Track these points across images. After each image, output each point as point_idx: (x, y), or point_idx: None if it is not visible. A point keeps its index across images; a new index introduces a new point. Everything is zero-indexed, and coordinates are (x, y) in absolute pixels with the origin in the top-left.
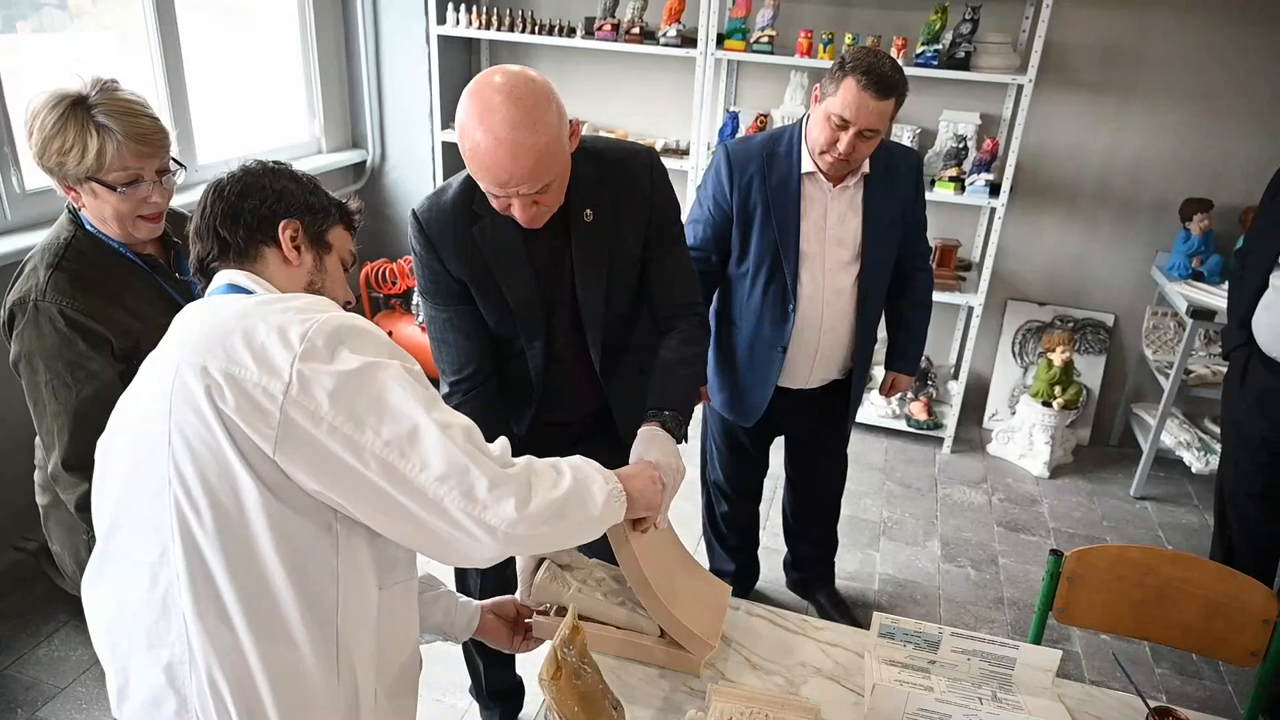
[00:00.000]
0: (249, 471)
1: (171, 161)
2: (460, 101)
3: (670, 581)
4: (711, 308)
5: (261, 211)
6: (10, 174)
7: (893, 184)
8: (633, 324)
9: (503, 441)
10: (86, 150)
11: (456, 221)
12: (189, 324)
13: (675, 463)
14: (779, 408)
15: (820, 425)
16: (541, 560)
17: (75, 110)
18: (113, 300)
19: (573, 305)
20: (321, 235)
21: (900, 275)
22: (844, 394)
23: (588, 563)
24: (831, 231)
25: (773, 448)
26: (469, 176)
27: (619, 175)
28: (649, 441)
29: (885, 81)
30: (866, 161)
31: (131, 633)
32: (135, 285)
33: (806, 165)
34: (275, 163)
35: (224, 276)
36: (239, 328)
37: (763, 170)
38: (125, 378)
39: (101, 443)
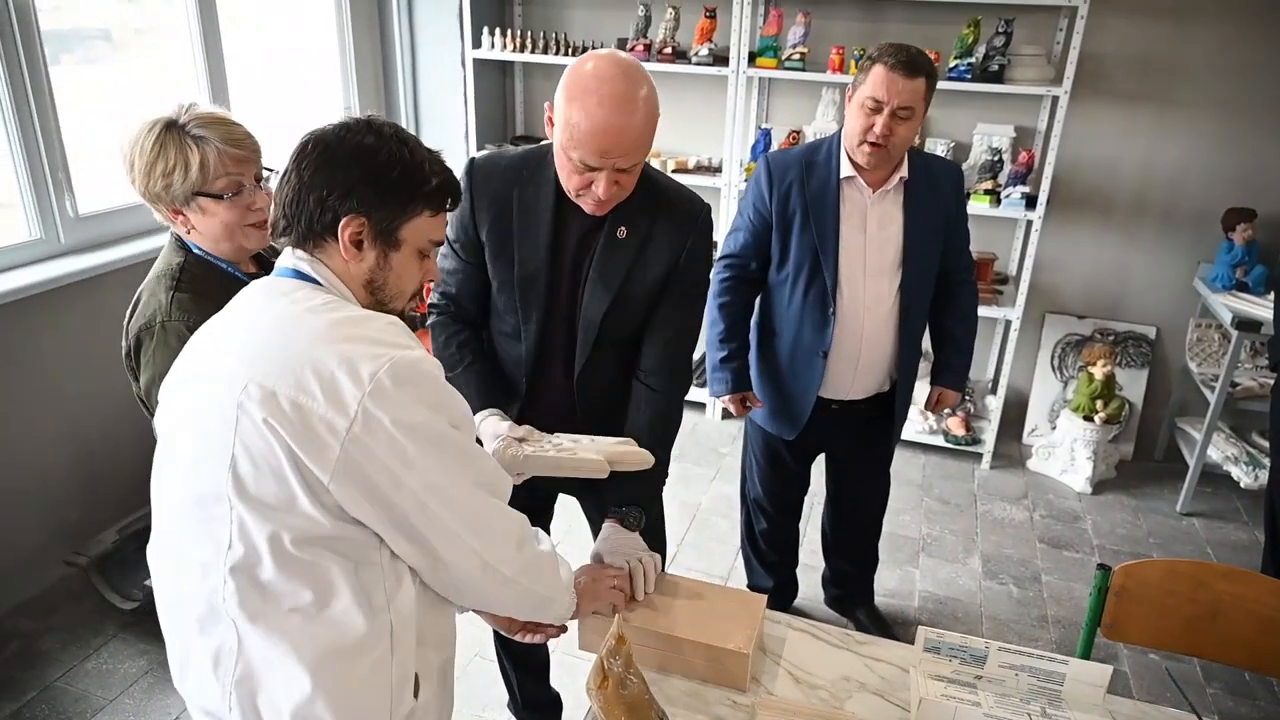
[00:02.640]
0: (306, 492)
1: (264, 169)
2: (564, 81)
3: (689, 617)
4: (753, 319)
5: (326, 203)
6: (65, 199)
7: (934, 192)
8: (623, 363)
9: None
10: (189, 165)
11: (506, 178)
12: (259, 334)
13: (641, 555)
14: (822, 422)
15: (864, 442)
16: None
17: (170, 131)
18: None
19: (573, 307)
20: (391, 232)
21: (944, 289)
22: (888, 409)
23: (545, 436)
24: (872, 235)
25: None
26: (529, 151)
27: (666, 210)
28: (610, 540)
29: (912, 61)
30: (905, 165)
31: (187, 616)
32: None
33: (846, 170)
34: (374, 126)
35: (288, 259)
36: (309, 355)
37: (801, 176)
38: None
39: (165, 426)
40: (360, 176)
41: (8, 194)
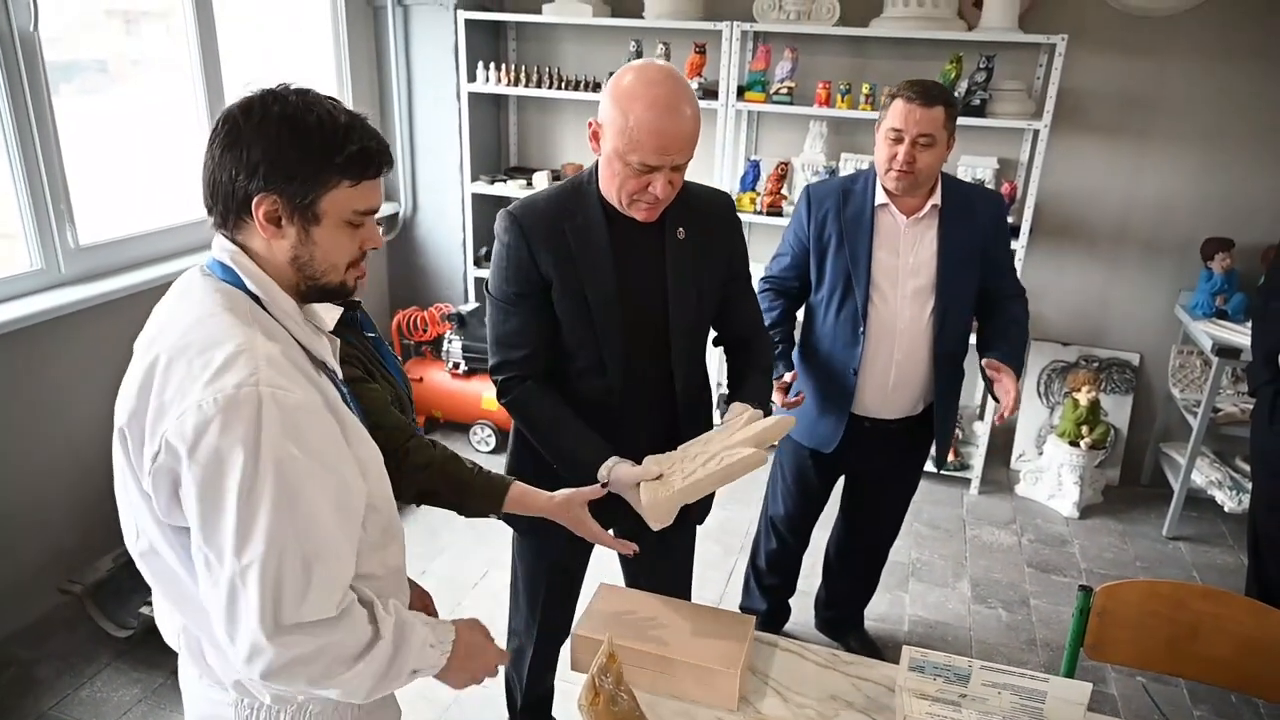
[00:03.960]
0: (151, 505)
1: None
2: (611, 94)
3: (680, 637)
4: (796, 338)
5: (236, 182)
6: (66, 229)
7: (970, 219)
8: (700, 361)
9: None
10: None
11: (550, 216)
12: (145, 341)
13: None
14: (854, 440)
15: (892, 466)
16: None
17: None
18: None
19: (662, 318)
20: (308, 207)
21: (993, 305)
22: (919, 436)
23: (673, 456)
24: (905, 260)
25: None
26: (561, 187)
27: (704, 207)
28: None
29: (928, 92)
30: (939, 193)
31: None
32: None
33: (880, 198)
34: (281, 96)
35: (216, 248)
36: (158, 378)
37: (838, 204)
38: None
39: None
40: (264, 153)
41: (9, 224)
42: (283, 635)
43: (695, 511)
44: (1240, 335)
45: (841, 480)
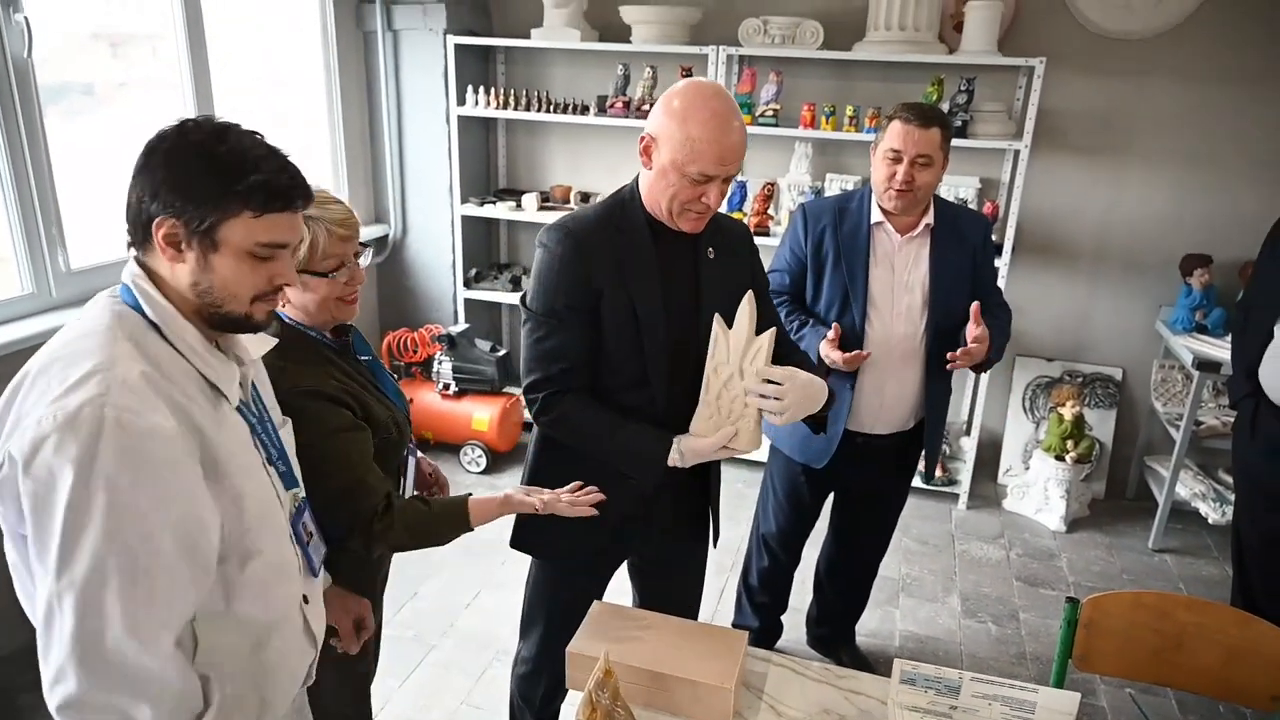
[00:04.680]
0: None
1: (359, 244)
2: (665, 110)
3: (674, 654)
4: None
5: (142, 204)
6: (58, 253)
7: (960, 239)
8: None
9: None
10: (300, 245)
11: (602, 229)
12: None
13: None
14: (846, 456)
15: (882, 481)
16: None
17: None
18: (327, 375)
19: (694, 331)
20: (207, 233)
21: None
22: (910, 453)
23: (710, 405)
24: (899, 278)
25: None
26: (605, 204)
27: (727, 232)
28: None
29: (925, 114)
30: (931, 213)
31: None
32: (330, 363)
33: (875, 216)
34: (197, 125)
35: (126, 271)
36: (22, 391)
37: (834, 221)
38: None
39: None
40: (166, 177)
41: (0, 248)
42: (95, 666)
43: (713, 533)
44: (1220, 349)
45: (831, 497)
